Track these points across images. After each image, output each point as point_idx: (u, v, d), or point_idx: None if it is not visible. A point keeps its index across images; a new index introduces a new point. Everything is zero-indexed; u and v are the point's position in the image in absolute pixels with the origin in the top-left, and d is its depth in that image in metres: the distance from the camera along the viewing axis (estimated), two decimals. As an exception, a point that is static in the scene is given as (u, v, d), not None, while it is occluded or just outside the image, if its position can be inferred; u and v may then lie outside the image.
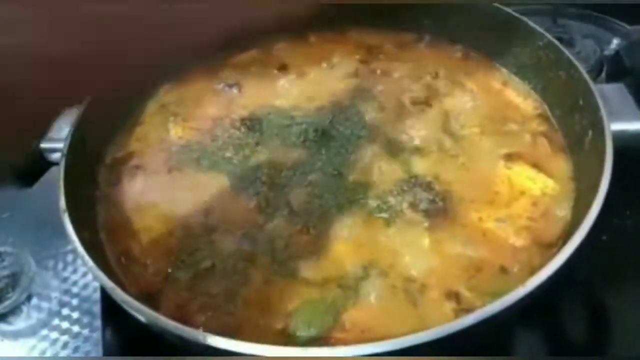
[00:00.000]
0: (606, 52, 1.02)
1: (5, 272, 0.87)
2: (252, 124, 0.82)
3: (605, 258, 0.77)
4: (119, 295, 0.57)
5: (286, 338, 0.59)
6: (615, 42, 1.06)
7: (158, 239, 0.70)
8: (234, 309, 0.63)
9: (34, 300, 0.84)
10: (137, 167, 0.79)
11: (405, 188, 0.71)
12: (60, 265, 0.87)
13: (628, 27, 1.06)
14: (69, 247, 0.90)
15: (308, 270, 0.65)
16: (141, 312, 0.56)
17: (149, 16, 0.46)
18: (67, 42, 0.43)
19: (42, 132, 0.77)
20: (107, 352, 0.77)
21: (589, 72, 0.73)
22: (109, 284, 0.58)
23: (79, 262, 0.89)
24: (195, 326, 0.59)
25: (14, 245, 0.90)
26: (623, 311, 0.74)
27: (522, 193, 0.71)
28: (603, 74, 0.96)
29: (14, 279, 0.86)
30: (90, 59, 0.44)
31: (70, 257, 0.89)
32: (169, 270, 0.67)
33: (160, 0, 0.46)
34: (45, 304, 0.84)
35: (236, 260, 0.67)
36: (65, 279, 0.86)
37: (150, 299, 0.64)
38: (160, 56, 0.50)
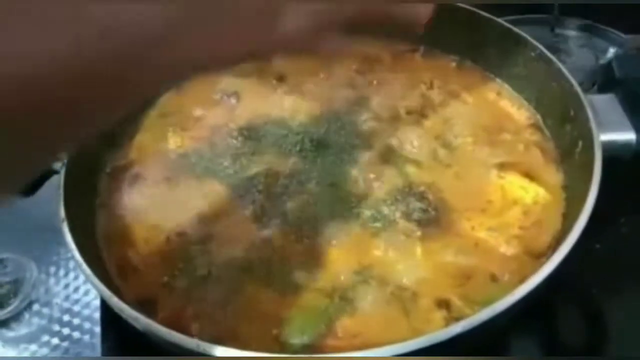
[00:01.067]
0: (602, 62, 1.03)
1: (7, 279, 0.88)
2: (250, 133, 0.83)
3: (599, 266, 0.78)
4: (116, 303, 0.58)
5: (280, 345, 0.60)
6: (611, 51, 1.07)
7: (155, 246, 0.71)
8: (228, 316, 0.64)
9: (36, 307, 0.86)
10: (137, 175, 0.81)
11: (399, 198, 0.72)
12: (61, 272, 0.88)
13: (624, 36, 1.07)
14: (71, 254, 0.91)
15: (302, 278, 0.66)
16: (137, 319, 0.57)
17: None
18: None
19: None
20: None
21: (583, 82, 0.74)
22: (106, 292, 0.59)
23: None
24: (191, 333, 0.61)
25: (16, 252, 0.91)
26: (618, 319, 0.75)
27: (515, 202, 0.71)
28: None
29: (15, 286, 0.87)
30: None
31: (71, 264, 0.90)
32: (166, 278, 0.68)
33: None
34: (46, 311, 0.85)
35: (231, 269, 0.68)
36: (66, 286, 0.87)
37: (147, 306, 0.65)
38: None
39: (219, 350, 0.52)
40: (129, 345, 0.77)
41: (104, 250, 0.72)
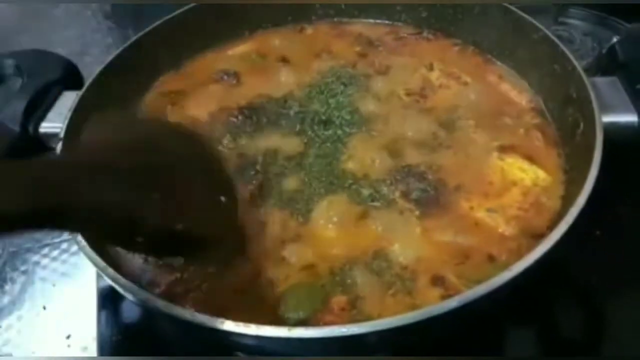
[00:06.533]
0: (605, 50, 1.02)
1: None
2: (250, 112, 0.83)
3: (599, 253, 0.77)
4: (111, 274, 0.58)
5: (276, 320, 0.60)
6: (614, 40, 1.06)
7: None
8: (224, 292, 0.63)
9: (30, 292, 0.84)
10: (135, 153, 0.80)
11: (398, 177, 0.72)
12: (55, 252, 0.87)
13: (627, 25, 1.06)
14: (64, 237, 0.90)
15: (298, 255, 0.66)
16: (133, 291, 0.56)
17: None
18: None
19: (40, 116, 0.78)
20: (101, 349, 0.77)
21: (587, 69, 0.73)
22: (102, 264, 0.58)
23: (76, 250, 0.89)
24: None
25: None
26: (617, 307, 0.74)
27: (514, 184, 0.71)
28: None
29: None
30: None
31: (65, 245, 0.89)
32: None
33: None
34: (42, 293, 0.84)
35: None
36: (63, 261, 0.86)
37: (142, 283, 0.65)
38: None
39: (214, 322, 0.52)
40: (126, 331, 0.77)
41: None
